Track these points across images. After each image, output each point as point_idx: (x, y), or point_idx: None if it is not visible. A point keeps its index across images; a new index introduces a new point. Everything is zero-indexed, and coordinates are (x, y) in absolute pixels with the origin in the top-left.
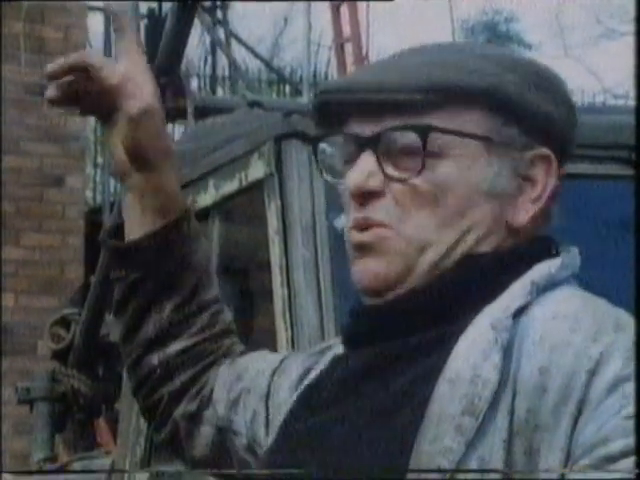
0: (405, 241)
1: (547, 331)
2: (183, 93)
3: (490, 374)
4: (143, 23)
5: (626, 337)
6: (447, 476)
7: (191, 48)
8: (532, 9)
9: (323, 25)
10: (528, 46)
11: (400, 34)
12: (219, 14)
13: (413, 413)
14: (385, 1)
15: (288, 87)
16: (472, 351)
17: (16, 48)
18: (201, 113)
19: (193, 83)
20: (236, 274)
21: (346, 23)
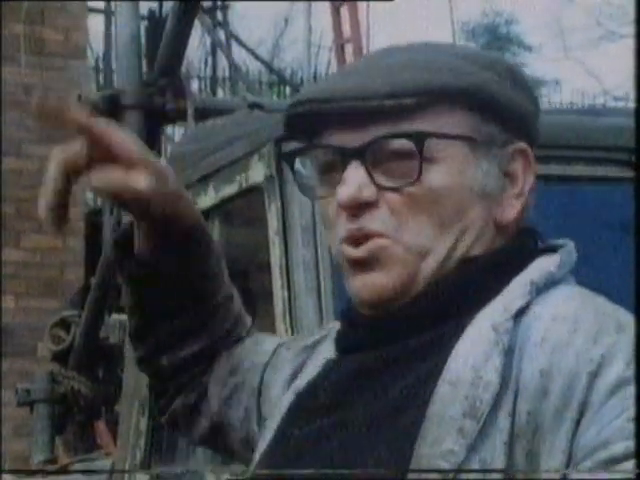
0: (404, 249)
1: (548, 333)
2: (183, 94)
3: (491, 376)
4: (143, 24)
5: (627, 338)
6: (450, 476)
7: (191, 50)
8: (532, 11)
9: (323, 26)
10: (528, 48)
11: (400, 35)
12: (219, 15)
13: (413, 416)
14: (385, 2)
15: (288, 88)
16: (473, 352)
17: (16, 49)
18: (201, 115)
19: (193, 84)
20: (236, 276)
21: (346, 24)
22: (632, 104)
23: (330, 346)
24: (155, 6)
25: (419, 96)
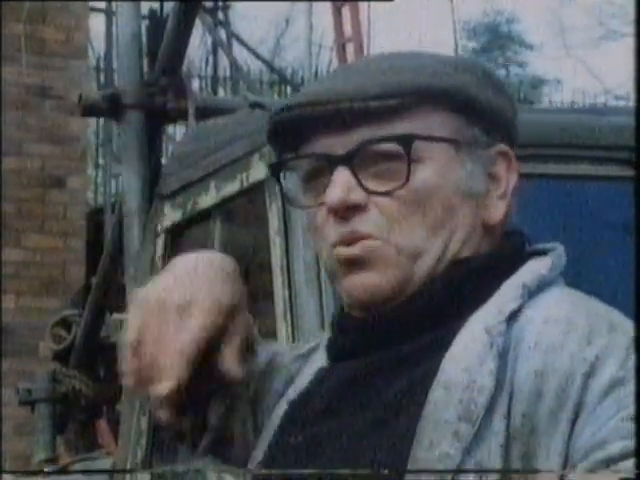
0: (397, 251)
1: (541, 335)
2: (184, 94)
3: (486, 380)
4: (144, 24)
5: (620, 338)
6: (448, 477)
7: (192, 49)
8: (533, 10)
9: (324, 26)
10: (529, 47)
11: (401, 35)
12: (220, 15)
13: (408, 420)
14: (387, 1)
15: (289, 88)
16: (466, 356)
17: (17, 49)
18: (202, 114)
19: (194, 84)
20: None
21: (347, 24)
22: (633, 103)
23: (323, 354)
24: (156, 6)
25: (403, 97)
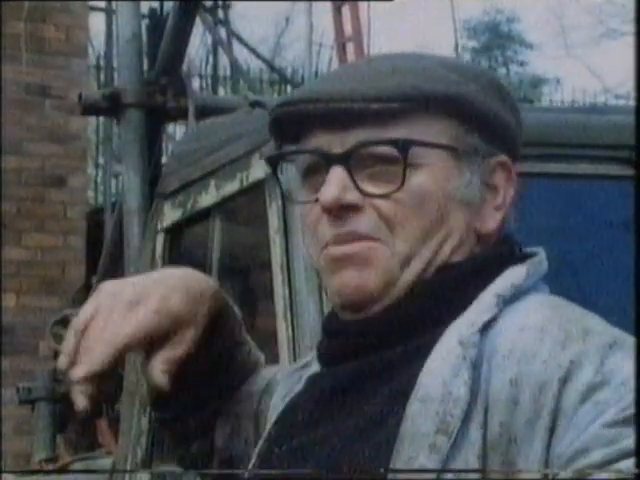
0: (392, 253)
1: (515, 343)
2: (184, 93)
3: (460, 391)
4: (144, 23)
5: (594, 343)
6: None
7: (192, 48)
8: (534, 9)
9: (325, 25)
10: (530, 46)
11: (402, 34)
12: (221, 14)
13: (387, 433)
14: (387, 1)
15: (290, 87)
16: (442, 368)
17: (17, 48)
18: (202, 113)
19: (194, 83)
20: (237, 274)
21: (348, 23)
22: (633, 102)
23: (317, 363)
24: (156, 5)
25: (404, 101)
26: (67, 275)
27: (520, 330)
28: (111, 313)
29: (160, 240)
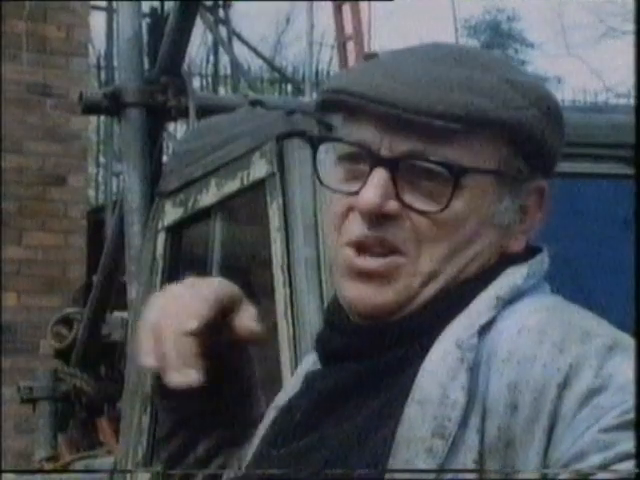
0: (415, 271)
1: (514, 346)
2: (185, 92)
3: (458, 395)
4: (145, 22)
5: (594, 346)
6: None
7: (193, 47)
8: (534, 8)
9: (325, 24)
10: (530, 45)
11: (402, 32)
12: (221, 13)
13: (385, 436)
14: (387, 0)
15: (290, 86)
16: (439, 370)
17: (18, 47)
18: (203, 112)
19: (195, 82)
20: (238, 273)
21: (348, 22)
22: (634, 101)
23: (314, 354)
24: (157, 4)
25: (468, 123)
26: (68, 274)
27: (518, 333)
28: (175, 300)
29: (161, 239)
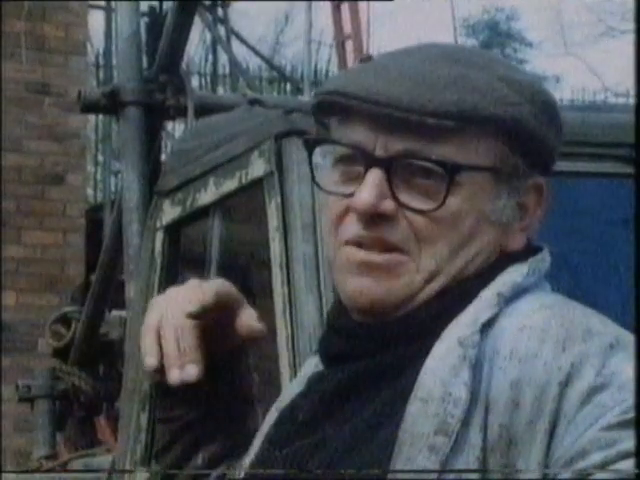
0: (417, 269)
1: (516, 344)
2: (184, 91)
3: (461, 392)
4: (144, 21)
5: (596, 345)
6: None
7: (192, 46)
8: (533, 7)
9: (324, 23)
10: (529, 44)
11: (401, 31)
12: (220, 12)
13: (388, 434)
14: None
15: (289, 85)
16: (441, 368)
17: (17, 46)
18: (202, 111)
19: (194, 81)
20: (236, 272)
21: (347, 21)
22: (633, 100)
23: (316, 356)
24: (155, 3)
25: (461, 120)
26: (66, 273)
27: (520, 330)
28: (176, 297)
29: (159, 238)
